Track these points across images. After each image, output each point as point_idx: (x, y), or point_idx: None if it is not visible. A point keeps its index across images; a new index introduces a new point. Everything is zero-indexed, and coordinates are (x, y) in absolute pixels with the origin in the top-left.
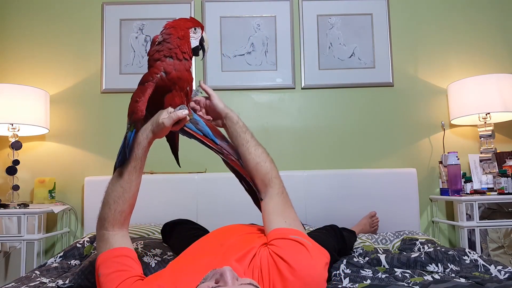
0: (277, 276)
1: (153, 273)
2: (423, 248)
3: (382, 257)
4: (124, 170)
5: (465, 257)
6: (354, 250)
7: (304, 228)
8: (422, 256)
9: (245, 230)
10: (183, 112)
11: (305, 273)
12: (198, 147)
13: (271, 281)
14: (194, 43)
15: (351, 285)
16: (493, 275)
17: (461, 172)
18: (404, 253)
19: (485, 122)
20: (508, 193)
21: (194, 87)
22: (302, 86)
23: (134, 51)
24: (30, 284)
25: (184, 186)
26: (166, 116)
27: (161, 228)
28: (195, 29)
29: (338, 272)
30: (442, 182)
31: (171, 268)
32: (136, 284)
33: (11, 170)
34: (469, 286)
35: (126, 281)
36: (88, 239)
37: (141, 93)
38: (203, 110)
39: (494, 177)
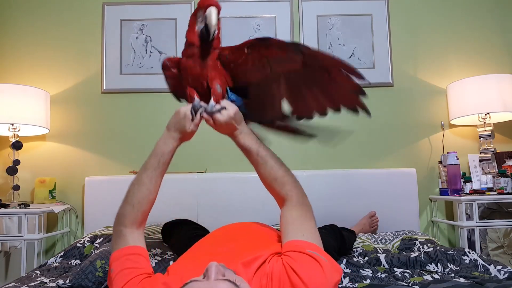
0: (289, 287)
1: (156, 272)
2: (423, 248)
3: (382, 257)
4: (150, 173)
5: (465, 257)
6: (353, 249)
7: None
8: (422, 256)
9: (256, 232)
10: (200, 110)
11: None
12: (198, 147)
13: None
14: (199, 26)
15: (351, 284)
16: (492, 275)
17: (461, 172)
18: (404, 252)
19: (485, 122)
20: (508, 193)
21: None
22: None
23: (135, 51)
24: (31, 284)
25: (184, 186)
26: (189, 124)
27: (161, 228)
28: (199, 11)
29: None
30: (442, 182)
31: (178, 265)
32: (143, 282)
33: (12, 170)
34: (469, 286)
35: (134, 279)
36: (89, 239)
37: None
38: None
39: (493, 177)
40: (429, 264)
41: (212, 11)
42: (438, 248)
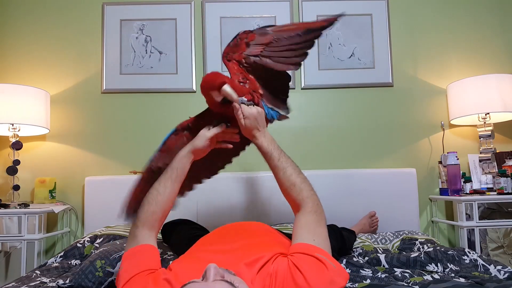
0: (292, 287)
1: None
2: (423, 248)
3: (382, 257)
4: (161, 177)
5: (465, 257)
6: (353, 249)
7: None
8: (422, 256)
9: (259, 232)
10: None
11: None
12: None
13: None
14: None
15: (351, 284)
16: (492, 274)
17: (461, 172)
18: (404, 252)
19: (485, 122)
20: (508, 193)
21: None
22: (302, 87)
23: (135, 52)
24: (31, 284)
25: None
26: (200, 140)
27: (161, 228)
28: (213, 91)
29: None
30: (442, 182)
31: (181, 263)
32: (146, 278)
33: (12, 170)
34: (469, 286)
35: (137, 275)
36: (89, 239)
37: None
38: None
39: (493, 177)
40: (429, 264)
41: (225, 88)
42: (438, 248)
